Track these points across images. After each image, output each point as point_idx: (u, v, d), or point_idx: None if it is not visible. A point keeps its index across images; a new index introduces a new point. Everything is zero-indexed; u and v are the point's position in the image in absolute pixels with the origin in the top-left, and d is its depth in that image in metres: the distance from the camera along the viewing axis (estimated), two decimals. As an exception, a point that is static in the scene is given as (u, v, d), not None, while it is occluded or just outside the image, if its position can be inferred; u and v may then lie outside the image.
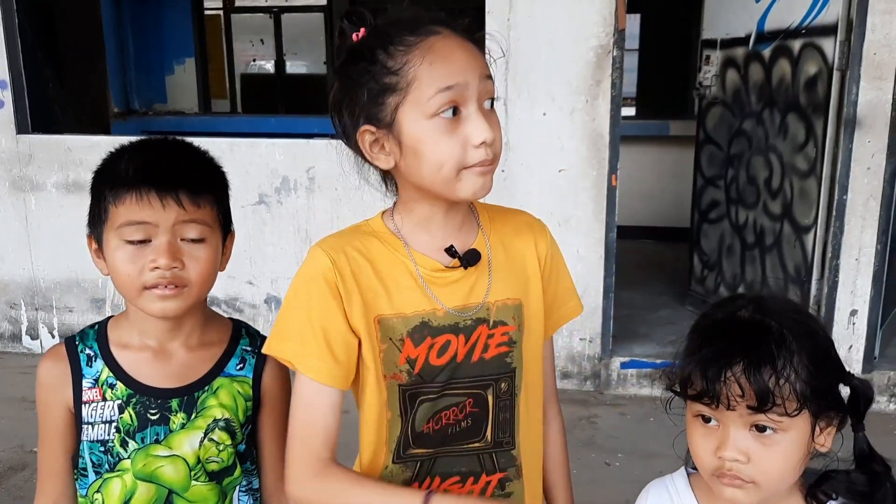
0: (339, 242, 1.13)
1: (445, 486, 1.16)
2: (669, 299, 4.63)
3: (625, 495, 1.52)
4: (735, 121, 4.05)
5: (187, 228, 1.14)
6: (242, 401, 1.22)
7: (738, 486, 0.98)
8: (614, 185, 3.52)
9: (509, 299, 1.16)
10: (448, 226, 1.14)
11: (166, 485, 1.17)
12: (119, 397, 1.16)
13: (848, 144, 3.36)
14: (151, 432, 1.16)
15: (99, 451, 1.16)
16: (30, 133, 4.00)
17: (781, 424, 0.95)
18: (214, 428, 1.19)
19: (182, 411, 1.18)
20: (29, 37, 4.03)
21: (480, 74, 1.05)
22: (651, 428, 3.36)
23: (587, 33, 3.41)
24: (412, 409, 1.13)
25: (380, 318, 1.11)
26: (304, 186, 3.79)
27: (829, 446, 1.01)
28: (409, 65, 1.03)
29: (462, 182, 1.06)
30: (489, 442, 1.17)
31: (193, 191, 1.15)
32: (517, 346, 1.17)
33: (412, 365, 1.11)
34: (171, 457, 1.17)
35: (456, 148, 1.04)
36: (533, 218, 1.26)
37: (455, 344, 1.12)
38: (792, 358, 0.94)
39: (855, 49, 3.29)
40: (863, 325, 3.53)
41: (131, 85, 5.92)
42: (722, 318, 1.02)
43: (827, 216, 3.51)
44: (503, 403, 1.17)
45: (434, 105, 1.03)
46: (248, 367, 1.24)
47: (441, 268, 1.13)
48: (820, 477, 1.03)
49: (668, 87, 7.14)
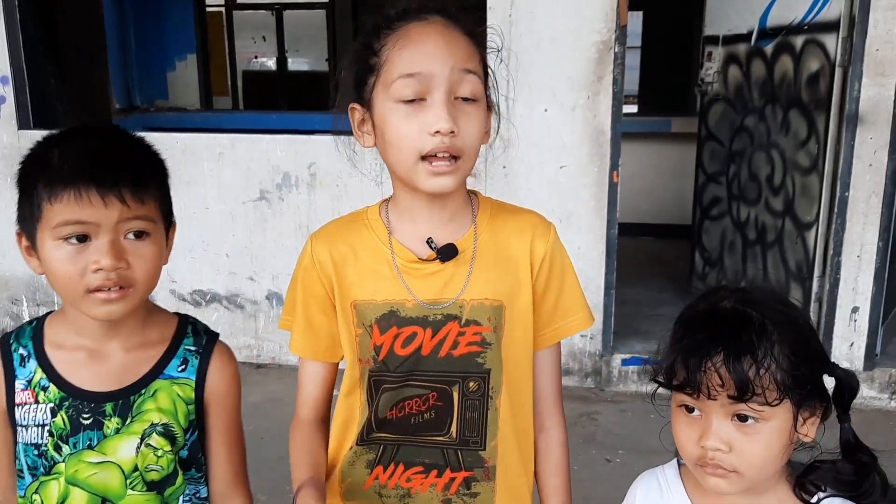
0: (329, 232, 1.20)
1: (409, 474, 1.18)
2: (670, 296, 4.63)
3: (625, 491, 1.52)
4: (737, 117, 4.05)
5: (131, 225, 1.06)
6: (183, 405, 1.15)
7: (720, 476, 0.99)
8: (616, 182, 3.51)
9: (487, 299, 1.14)
10: (434, 217, 1.14)
11: (98, 492, 1.12)
12: (51, 400, 1.11)
13: (850, 141, 3.36)
14: (84, 437, 1.11)
15: (33, 455, 1.12)
16: (31, 129, 4.00)
17: (763, 414, 0.95)
18: (152, 433, 1.12)
19: (116, 416, 1.11)
20: (30, 32, 4.03)
21: (455, 66, 1.04)
22: (652, 425, 3.34)
23: (589, 29, 3.41)
24: (376, 395, 1.16)
25: (355, 304, 1.15)
26: (306, 182, 3.79)
27: (813, 436, 1.01)
28: (385, 47, 1.06)
29: (420, 177, 1.07)
30: (454, 438, 1.17)
31: (137, 185, 1.06)
32: (492, 347, 1.15)
33: (377, 352, 1.14)
34: (103, 463, 1.11)
35: (412, 133, 1.05)
36: (539, 219, 1.21)
37: (421, 336, 1.13)
38: (773, 348, 0.95)
39: (857, 45, 3.28)
40: (864, 322, 3.52)
41: (133, 81, 5.92)
42: (704, 309, 1.02)
43: (829, 213, 3.50)
44: (471, 403, 1.16)
45: (396, 90, 1.05)
46: (191, 368, 1.17)
47: (416, 259, 1.14)
48: (807, 468, 1.04)
49: (670, 85, 7.14)
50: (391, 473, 1.18)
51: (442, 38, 1.05)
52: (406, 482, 1.18)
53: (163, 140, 3.92)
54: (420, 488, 1.18)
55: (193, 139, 3.95)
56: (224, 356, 1.21)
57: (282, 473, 2.98)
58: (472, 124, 1.06)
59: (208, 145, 3.87)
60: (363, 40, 1.09)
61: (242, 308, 3.96)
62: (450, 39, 1.06)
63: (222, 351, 1.22)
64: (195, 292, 3.99)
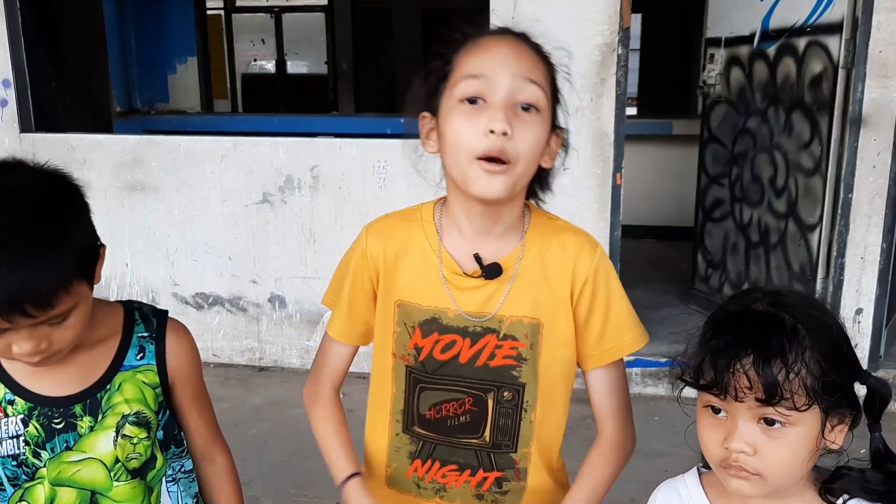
0: (384, 227, 1.24)
1: (444, 471, 1.24)
2: (673, 298, 4.62)
3: (629, 494, 1.51)
4: (739, 119, 4.05)
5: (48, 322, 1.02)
6: (150, 390, 1.17)
7: (743, 478, 0.98)
8: (619, 184, 3.51)
9: (526, 317, 1.17)
10: (483, 230, 1.16)
11: (86, 487, 1.14)
12: (20, 412, 1.11)
13: (853, 142, 3.36)
14: (61, 441, 1.12)
15: (12, 466, 1.12)
16: (33, 132, 3.99)
17: (790, 418, 0.94)
18: (125, 424, 1.15)
19: (87, 415, 1.13)
20: (31, 34, 4.02)
21: (518, 74, 1.08)
22: (655, 427, 3.35)
23: (592, 31, 3.41)
24: (414, 392, 1.22)
25: (399, 303, 1.20)
26: (308, 185, 3.78)
27: (841, 444, 1.00)
28: (457, 56, 1.12)
29: (472, 176, 1.08)
30: (487, 442, 1.22)
31: (45, 297, 0.98)
32: (528, 363, 1.18)
33: (418, 352, 1.20)
34: (85, 460, 1.14)
35: (469, 132, 1.07)
36: (586, 239, 1.22)
37: (460, 345, 1.18)
38: (803, 353, 0.93)
39: (860, 47, 3.28)
40: (868, 323, 3.52)
41: (133, 84, 5.91)
42: (736, 310, 1.01)
43: (832, 214, 3.50)
44: (505, 410, 1.20)
45: (460, 90, 1.09)
46: (149, 354, 1.18)
47: (461, 273, 1.17)
48: (832, 474, 1.02)
49: (670, 87, 7.15)
50: (428, 468, 1.25)
51: (508, 48, 1.11)
52: (442, 478, 1.25)
53: (165, 143, 3.96)
54: (455, 484, 1.25)
55: (196, 142, 3.94)
56: (178, 333, 1.23)
57: (287, 477, 3.00)
58: (529, 132, 1.08)
59: (211, 148, 3.87)
60: (442, 53, 1.14)
61: (245, 311, 3.95)
62: (516, 49, 1.11)
63: (175, 328, 1.23)
64: (197, 295, 3.98)
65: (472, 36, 1.14)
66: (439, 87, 1.13)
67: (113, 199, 3.94)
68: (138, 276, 3.98)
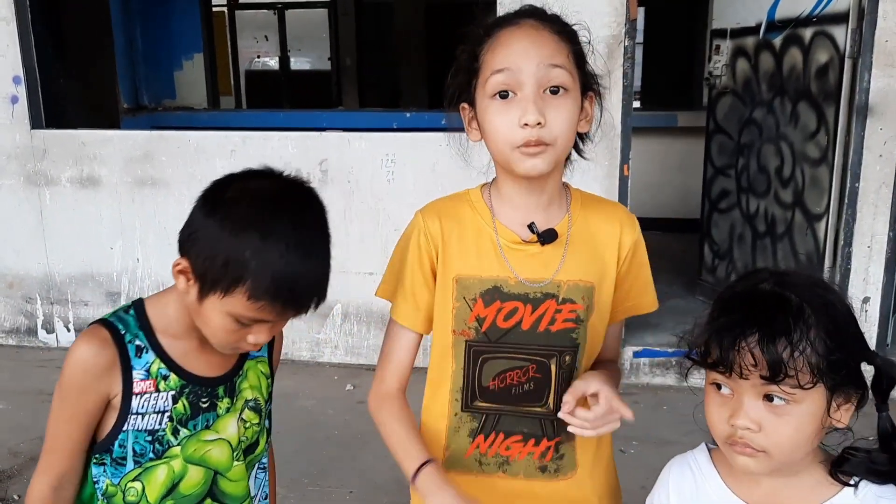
0: (437, 207, 1.28)
1: (508, 443, 1.27)
2: (679, 289, 4.64)
3: (639, 481, 1.54)
4: (745, 110, 4.06)
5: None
6: (265, 379, 1.29)
7: (749, 455, 0.99)
8: (626, 175, 3.53)
9: (581, 280, 1.24)
10: (531, 203, 1.23)
11: (214, 467, 1.22)
12: (172, 388, 1.17)
13: (860, 132, 3.37)
14: (202, 419, 1.19)
15: (145, 441, 1.16)
16: (44, 128, 4.02)
17: (794, 396, 0.95)
18: (245, 408, 1.24)
19: (227, 397, 1.22)
20: (40, 32, 4.05)
21: (542, 62, 1.13)
22: (664, 416, 3.38)
23: (598, 23, 3.42)
24: (475, 365, 1.25)
25: (458, 278, 1.24)
26: (317, 179, 3.80)
27: (847, 423, 1.01)
28: (482, 52, 1.17)
29: (515, 160, 1.15)
30: (551, 409, 1.26)
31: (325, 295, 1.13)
32: (584, 324, 1.24)
33: (480, 323, 1.23)
34: (217, 440, 1.21)
35: (504, 126, 1.14)
36: (626, 213, 1.33)
37: (522, 311, 1.22)
38: (808, 331, 0.95)
39: (867, 37, 3.30)
40: (875, 312, 3.54)
41: (140, 80, 5.92)
42: (742, 290, 1.03)
43: (839, 204, 3.52)
44: (565, 375, 1.25)
45: (490, 86, 1.15)
46: (265, 345, 1.26)
47: (519, 240, 1.23)
48: (840, 456, 1.04)
49: (674, 79, 7.14)
50: (492, 442, 1.28)
51: (528, 38, 1.15)
52: (506, 450, 1.28)
53: (175, 138, 3.98)
54: (518, 456, 1.28)
55: (205, 137, 3.97)
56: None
57: (299, 468, 3.03)
58: (561, 114, 1.14)
59: (220, 143, 3.89)
60: (468, 48, 1.20)
61: (255, 304, 3.97)
62: (536, 38, 1.15)
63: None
64: (208, 289, 4.00)
65: (491, 28, 1.18)
66: (471, 82, 1.19)
67: (124, 194, 3.97)
68: (150, 271, 4.00)
